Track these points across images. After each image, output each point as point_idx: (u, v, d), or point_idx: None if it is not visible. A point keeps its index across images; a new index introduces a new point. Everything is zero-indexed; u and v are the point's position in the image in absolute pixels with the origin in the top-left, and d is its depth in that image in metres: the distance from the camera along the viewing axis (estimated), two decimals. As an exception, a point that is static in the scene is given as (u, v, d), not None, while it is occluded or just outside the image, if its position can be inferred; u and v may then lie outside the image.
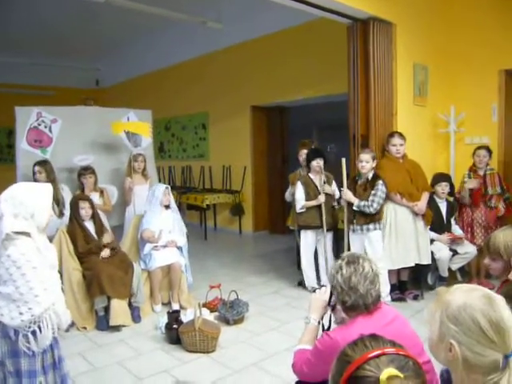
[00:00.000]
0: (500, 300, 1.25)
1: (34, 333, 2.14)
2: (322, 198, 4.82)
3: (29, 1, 6.58)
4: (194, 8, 7.00)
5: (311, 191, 4.90)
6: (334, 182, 5.07)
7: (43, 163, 4.73)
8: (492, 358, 1.19)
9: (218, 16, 7.25)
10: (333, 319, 2.18)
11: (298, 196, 4.90)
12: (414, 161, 4.75)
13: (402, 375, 1.04)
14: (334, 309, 2.13)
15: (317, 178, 4.95)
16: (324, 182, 4.92)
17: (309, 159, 4.97)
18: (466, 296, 1.25)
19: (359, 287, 1.85)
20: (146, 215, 4.72)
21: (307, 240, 5.01)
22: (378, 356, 1.07)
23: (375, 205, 4.37)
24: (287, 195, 5.45)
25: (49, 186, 2.33)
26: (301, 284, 5.18)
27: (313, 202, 4.86)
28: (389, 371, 1.03)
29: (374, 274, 1.90)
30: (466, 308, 1.22)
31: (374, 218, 4.44)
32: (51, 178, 4.62)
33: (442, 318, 1.25)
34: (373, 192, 4.40)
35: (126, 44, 9.69)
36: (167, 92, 9.79)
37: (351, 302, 1.86)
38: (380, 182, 4.41)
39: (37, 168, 4.68)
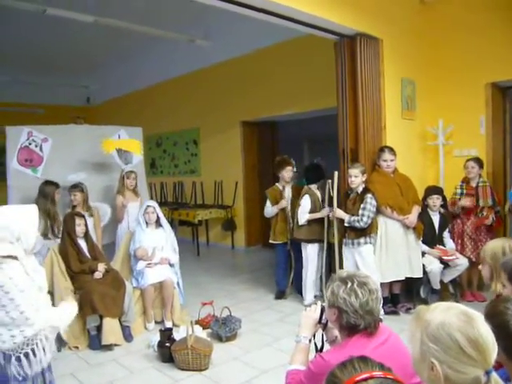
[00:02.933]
0: (478, 317, 1.26)
1: (26, 355, 2.12)
2: (325, 212, 4.88)
3: (17, 18, 6.61)
4: (182, 26, 7.07)
5: (318, 205, 4.99)
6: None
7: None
8: (473, 374, 1.20)
9: (206, 33, 7.32)
10: (325, 338, 2.17)
11: (306, 209, 4.96)
12: (405, 175, 4.79)
13: None
14: (325, 327, 2.12)
15: (318, 193, 5.10)
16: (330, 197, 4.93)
17: (308, 179, 5.13)
18: (444, 314, 1.26)
19: (374, 310, 1.83)
20: (135, 233, 4.71)
21: (310, 253, 5.04)
22: (365, 379, 1.07)
23: (365, 219, 4.39)
24: (269, 211, 5.33)
25: (34, 207, 2.32)
26: (280, 297, 5.27)
27: (317, 215, 4.93)
28: None
29: (380, 294, 1.89)
30: (444, 326, 1.23)
31: (364, 232, 4.45)
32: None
33: (422, 338, 1.26)
34: (362, 206, 4.41)
35: (116, 61, 9.72)
36: (158, 109, 9.83)
37: (364, 324, 1.80)
38: (369, 195, 4.43)
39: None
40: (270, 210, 5.32)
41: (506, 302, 1.52)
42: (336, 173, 4.68)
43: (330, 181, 4.87)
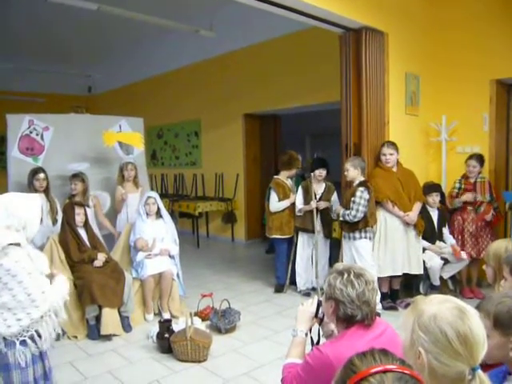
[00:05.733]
0: (472, 313, 1.27)
1: (31, 337, 2.13)
2: (313, 204, 4.98)
3: (19, 5, 6.56)
4: (187, 17, 7.02)
5: (309, 197, 5.06)
6: (335, 193, 5.18)
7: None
8: (457, 369, 1.21)
9: (211, 24, 7.27)
10: (321, 332, 2.17)
11: (298, 201, 5.13)
12: (409, 170, 4.77)
13: None
14: (321, 321, 2.12)
15: (318, 187, 5.14)
16: (323, 193, 5.14)
17: (312, 168, 5.17)
18: (439, 306, 1.28)
19: (371, 301, 1.84)
20: (135, 224, 4.70)
21: (303, 242, 5.20)
22: (383, 372, 1.07)
23: (353, 212, 4.35)
24: (278, 205, 5.20)
25: (38, 197, 2.32)
26: (279, 291, 5.29)
27: (306, 207, 5.06)
28: None
29: (376, 285, 1.91)
30: (436, 318, 1.25)
31: (357, 226, 4.42)
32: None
33: (413, 326, 1.29)
34: (352, 199, 4.39)
35: (118, 51, 9.68)
36: (160, 100, 9.79)
37: (361, 316, 1.82)
38: (360, 189, 4.38)
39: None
40: (280, 204, 5.19)
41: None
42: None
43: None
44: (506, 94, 5.48)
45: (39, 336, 2.17)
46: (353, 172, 4.45)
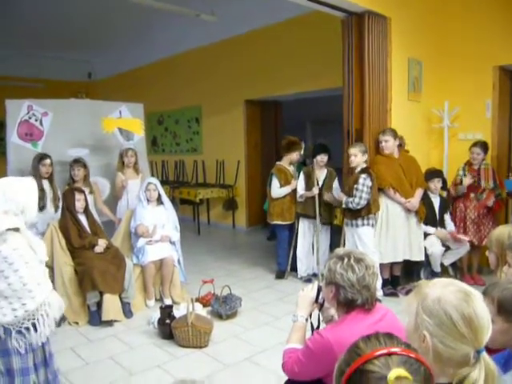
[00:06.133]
0: (476, 296, 1.26)
1: (27, 329, 2.11)
2: (315, 190, 4.97)
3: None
4: (188, 1, 6.93)
5: (311, 183, 5.04)
6: (336, 179, 5.15)
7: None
8: (462, 352, 1.21)
9: (212, 9, 7.18)
10: (321, 318, 2.17)
11: (299, 186, 5.11)
12: (411, 156, 4.75)
13: (411, 377, 1.02)
14: (321, 306, 2.12)
15: (320, 173, 5.12)
16: (325, 179, 5.12)
17: (314, 154, 5.14)
18: (443, 290, 1.27)
19: (371, 285, 1.84)
20: (136, 210, 4.69)
21: (304, 228, 5.20)
22: (389, 354, 1.06)
23: (356, 199, 4.33)
24: (280, 191, 5.20)
25: (34, 182, 2.30)
26: (280, 277, 5.30)
27: (308, 193, 5.04)
28: (398, 371, 1.02)
29: (376, 269, 1.91)
30: (440, 301, 1.24)
31: (359, 213, 4.40)
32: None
33: (417, 310, 1.28)
34: (355, 186, 4.36)
35: (119, 37, 9.57)
36: (160, 86, 9.72)
37: (361, 300, 1.82)
38: (363, 175, 4.35)
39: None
40: (281, 190, 5.19)
41: None
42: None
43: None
44: (508, 80, 5.43)
45: (35, 329, 2.15)
46: (360, 158, 4.40)
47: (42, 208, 4.38)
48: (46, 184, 4.62)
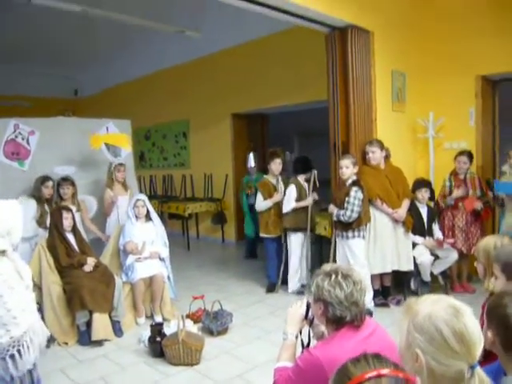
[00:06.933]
0: (467, 311, 1.27)
1: (12, 356, 2.07)
2: (310, 200, 5.00)
3: (3, 7, 6.46)
4: (172, 17, 6.98)
5: (303, 193, 5.06)
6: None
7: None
8: (456, 368, 1.21)
9: (196, 25, 7.24)
10: (311, 334, 2.16)
11: (292, 197, 5.03)
12: (396, 167, 4.79)
13: None
14: (311, 323, 2.11)
15: (305, 184, 5.15)
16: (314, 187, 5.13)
17: (296, 170, 5.19)
18: (433, 306, 1.27)
19: (360, 301, 1.83)
20: (125, 227, 4.67)
21: (296, 242, 5.14)
22: (378, 377, 1.06)
23: (348, 212, 4.33)
24: (262, 205, 5.24)
25: (17, 203, 2.28)
26: (271, 290, 5.28)
27: (302, 203, 5.01)
28: None
29: (364, 285, 1.90)
30: (430, 317, 1.24)
31: (350, 225, 4.40)
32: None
33: (408, 327, 1.28)
34: (346, 199, 4.36)
35: (104, 53, 9.58)
36: (147, 101, 9.73)
37: (350, 317, 1.81)
38: (354, 188, 4.35)
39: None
40: (263, 204, 5.22)
41: (510, 296, 1.52)
42: (315, 171, 5.00)
43: (315, 171, 5.02)
44: (491, 89, 5.53)
45: (20, 356, 2.11)
46: (352, 170, 4.41)
47: (45, 229, 4.49)
48: (46, 206, 4.68)
